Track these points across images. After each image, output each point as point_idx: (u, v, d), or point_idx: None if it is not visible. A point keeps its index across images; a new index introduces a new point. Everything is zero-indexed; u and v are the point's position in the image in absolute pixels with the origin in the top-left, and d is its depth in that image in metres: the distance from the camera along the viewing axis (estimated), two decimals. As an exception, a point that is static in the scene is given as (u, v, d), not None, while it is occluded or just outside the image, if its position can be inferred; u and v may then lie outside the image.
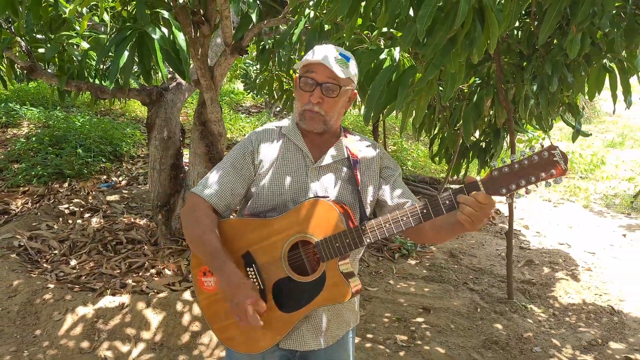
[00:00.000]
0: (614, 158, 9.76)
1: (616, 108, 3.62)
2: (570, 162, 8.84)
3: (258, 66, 9.90)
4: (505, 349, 3.56)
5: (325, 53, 1.73)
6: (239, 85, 12.19)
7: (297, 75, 1.79)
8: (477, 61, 2.40)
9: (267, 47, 5.27)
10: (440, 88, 3.65)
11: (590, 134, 4.63)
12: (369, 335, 3.60)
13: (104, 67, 4.56)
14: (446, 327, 3.77)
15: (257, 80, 6.95)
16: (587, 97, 3.76)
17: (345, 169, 1.82)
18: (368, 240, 1.63)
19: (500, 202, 6.69)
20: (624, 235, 5.85)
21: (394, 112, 2.69)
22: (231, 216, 1.85)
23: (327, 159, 1.80)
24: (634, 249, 5.45)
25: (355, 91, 1.84)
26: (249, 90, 10.40)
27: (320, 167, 1.80)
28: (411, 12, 2.35)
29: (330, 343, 1.84)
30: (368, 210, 1.82)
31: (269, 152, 1.82)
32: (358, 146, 1.87)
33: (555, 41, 3.62)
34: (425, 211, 1.56)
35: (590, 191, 7.55)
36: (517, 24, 3.84)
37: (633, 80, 3.56)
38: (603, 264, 5.05)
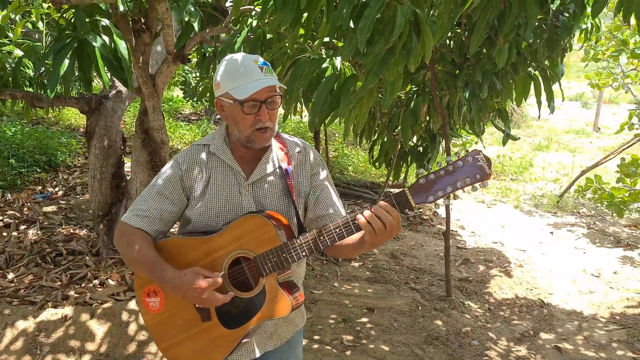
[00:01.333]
0: (541, 160, 10.31)
1: (541, 113, 3.87)
2: (501, 165, 9.28)
3: (197, 73, 9.85)
4: (446, 343, 3.73)
5: (250, 69, 1.69)
6: (178, 93, 12.05)
7: (227, 99, 1.70)
8: (413, 70, 2.54)
9: (207, 54, 5.28)
10: (380, 96, 3.80)
11: (519, 138, 4.91)
12: (316, 337, 3.68)
13: (39, 75, 4.45)
14: (389, 325, 3.91)
15: (198, 87, 6.91)
16: (515, 103, 4.00)
17: (279, 179, 1.81)
18: (304, 254, 1.63)
19: (430, 207, 6.95)
20: (552, 233, 6.21)
21: (337, 119, 2.80)
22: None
23: (259, 173, 1.79)
24: (560, 246, 5.81)
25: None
26: (188, 98, 10.32)
27: (253, 183, 1.79)
28: (351, 24, 2.47)
29: (278, 345, 1.88)
30: (308, 214, 1.83)
31: (198, 174, 1.79)
32: (290, 151, 1.85)
33: (484, 51, 3.85)
34: (352, 225, 1.59)
35: (520, 192, 7.96)
36: (449, 34, 4.05)
37: (556, 87, 3.83)
38: (533, 260, 5.35)
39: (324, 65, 2.72)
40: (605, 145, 12.09)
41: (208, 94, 6.49)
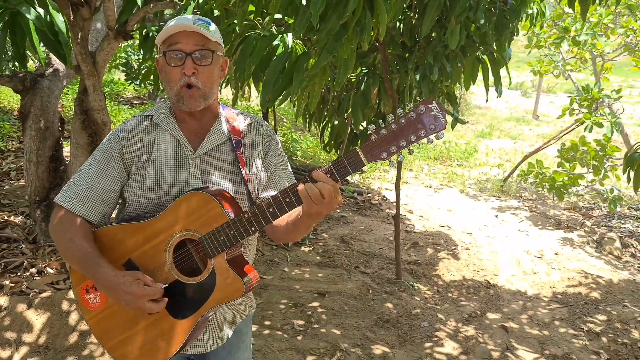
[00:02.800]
0: (484, 147, 10.56)
1: (488, 98, 3.91)
2: (447, 151, 9.44)
3: (140, 55, 9.49)
4: (396, 326, 3.75)
5: (182, 21, 1.58)
6: (119, 76, 11.62)
7: (160, 55, 1.62)
8: (367, 47, 2.50)
9: (151, 34, 5.07)
10: (333, 75, 3.74)
11: (467, 122, 4.98)
12: (267, 322, 3.62)
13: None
14: (341, 309, 3.90)
15: (140, 69, 6.65)
16: (463, 87, 4.04)
17: (229, 152, 1.69)
18: (253, 229, 1.52)
19: (386, 189, 7.00)
20: (496, 216, 6.37)
21: (288, 99, 2.72)
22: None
23: (207, 145, 1.66)
24: (504, 228, 5.96)
25: (227, 59, 1.72)
26: (130, 81, 9.95)
27: (201, 156, 1.66)
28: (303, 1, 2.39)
29: (228, 334, 1.78)
30: (260, 193, 1.72)
31: (140, 147, 1.65)
32: (240, 123, 1.74)
33: (434, 34, 3.86)
34: (296, 194, 1.46)
35: (465, 177, 8.13)
36: (399, 17, 4.04)
37: (502, 72, 3.88)
38: (479, 242, 5.47)
39: (275, 42, 2.63)
40: (544, 132, 12.51)
41: (152, 77, 6.29)
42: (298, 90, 2.41)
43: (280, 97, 2.52)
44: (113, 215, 1.75)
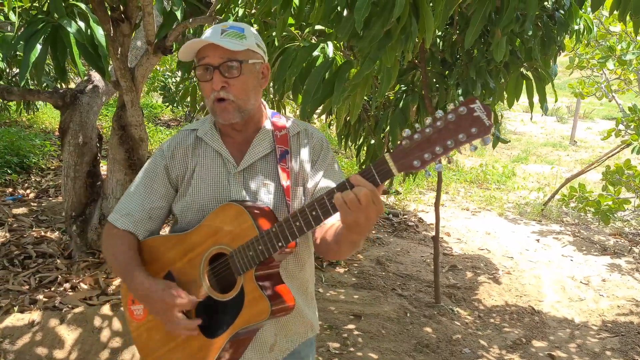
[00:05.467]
0: (521, 171, 10.29)
1: (532, 116, 3.77)
2: (484, 174, 9.22)
3: (177, 79, 9.64)
4: (436, 351, 3.58)
5: (210, 31, 1.53)
6: (158, 99, 11.81)
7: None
8: (411, 57, 2.42)
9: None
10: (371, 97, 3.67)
11: (509, 141, 4.83)
12: (301, 344, 3.50)
13: (11, 60, 4.22)
14: (378, 332, 3.75)
15: (178, 88, 6.72)
16: (506, 104, 3.90)
17: (272, 165, 1.60)
18: (280, 244, 1.40)
19: (422, 212, 6.84)
20: (537, 241, 6.13)
21: (328, 110, 2.66)
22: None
23: (249, 159, 1.59)
24: (547, 253, 5.72)
25: (267, 64, 1.64)
26: (167, 103, 10.10)
27: (244, 170, 1.59)
28: (345, 13, 2.33)
29: (279, 359, 1.66)
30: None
31: (184, 164, 1.62)
32: (288, 132, 1.64)
33: (475, 52, 3.76)
34: (328, 203, 1.33)
35: (503, 200, 7.90)
36: (439, 33, 3.96)
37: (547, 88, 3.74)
38: (521, 267, 5.25)
39: (315, 53, 2.57)
40: (582, 158, 12.16)
41: (188, 98, 6.33)
42: (339, 100, 2.33)
43: (321, 108, 2.44)
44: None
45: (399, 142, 1.23)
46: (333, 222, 1.50)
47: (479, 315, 4.23)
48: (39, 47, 2.79)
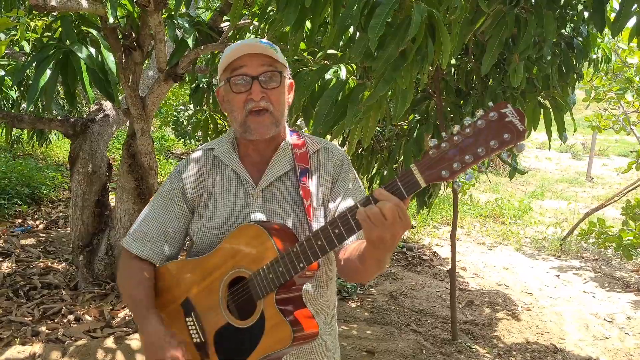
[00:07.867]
0: (538, 207, 10.11)
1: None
2: (499, 209, 9.05)
3: (189, 112, 9.69)
4: (454, 391, 3.40)
5: (245, 42, 1.46)
6: (170, 133, 11.88)
7: (221, 84, 1.51)
8: (427, 80, 2.35)
9: (200, 85, 5.10)
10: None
11: (527, 171, 4.71)
12: (312, 382, 3.33)
13: (20, 85, 4.22)
14: (392, 370, 3.57)
15: (190, 120, 6.73)
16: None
17: (291, 183, 1.53)
18: (302, 265, 1.32)
19: (437, 246, 6.68)
20: (557, 276, 5.93)
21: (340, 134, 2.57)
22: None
23: (268, 178, 1.52)
24: (567, 289, 5.52)
25: (292, 82, 1.58)
26: (180, 137, 10.14)
27: (263, 191, 1.52)
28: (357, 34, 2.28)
29: None
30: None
31: (201, 184, 1.55)
32: (308, 150, 1.56)
33: (490, 81, 3.69)
34: (351, 220, 1.25)
35: (520, 235, 7.71)
36: (454, 62, 3.90)
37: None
38: (541, 303, 5.05)
39: (328, 76, 2.51)
40: (599, 194, 11.95)
41: (200, 131, 6.32)
42: (352, 122, 2.26)
43: (333, 131, 2.37)
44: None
45: (425, 152, 1.14)
46: (357, 242, 1.42)
47: (498, 353, 4.04)
48: (48, 72, 2.77)
